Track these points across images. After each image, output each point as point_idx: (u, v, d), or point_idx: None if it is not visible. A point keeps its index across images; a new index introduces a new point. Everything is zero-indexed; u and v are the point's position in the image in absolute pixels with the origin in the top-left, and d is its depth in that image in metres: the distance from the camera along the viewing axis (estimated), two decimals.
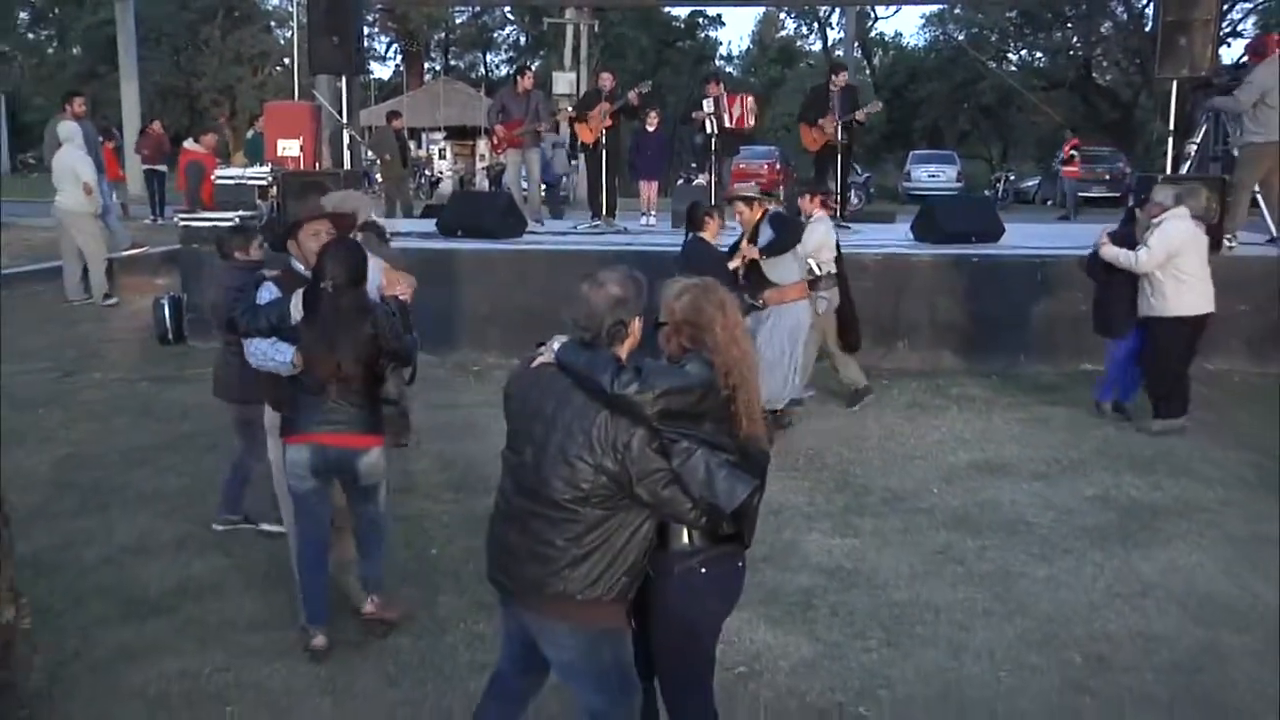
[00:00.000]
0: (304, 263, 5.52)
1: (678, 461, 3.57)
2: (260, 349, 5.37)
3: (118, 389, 10.84)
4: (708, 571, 3.77)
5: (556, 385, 3.71)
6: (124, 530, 7.17)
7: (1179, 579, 6.50)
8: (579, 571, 3.65)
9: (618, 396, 3.53)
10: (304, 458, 5.39)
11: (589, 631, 3.76)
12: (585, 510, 3.63)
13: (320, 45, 13.25)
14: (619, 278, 3.83)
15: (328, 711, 5.06)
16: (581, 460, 3.59)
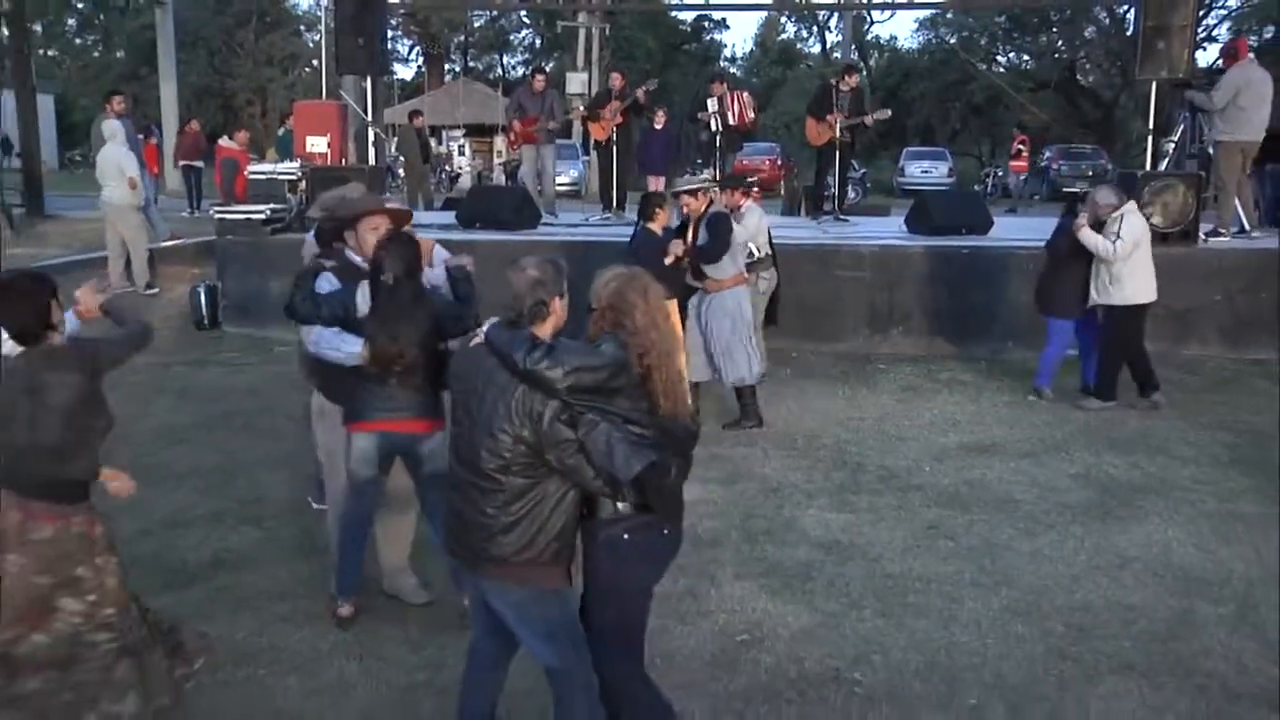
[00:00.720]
0: (360, 255, 5.45)
1: (583, 432, 3.64)
2: (326, 338, 5.25)
3: (157, 372, 10.85)
4: (630, 538, 3.81)
5: (486, 363, 3.79)
6: (163, 505, 7.18)
7: (1155, 552, 6.51)
8: (510, 537, 3.74)
9: (530, 371, 3.62)
10: (370, 445, 5.30)
11: (528, 592, 3.84)
12: (509, 479, 3.72)
13: (347, 48, 13.24)
14: (537, 261, 3.93)
15: (354, 673, 5.07)
16: (503, 431, 3.68)
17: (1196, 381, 10.71)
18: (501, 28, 56.49)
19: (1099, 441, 8.67)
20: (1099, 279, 9.39)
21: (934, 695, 4.87)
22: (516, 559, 3.75)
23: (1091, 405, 9.56)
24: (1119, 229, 9.21)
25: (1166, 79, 12.48)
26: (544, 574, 3.81)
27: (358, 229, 5.44)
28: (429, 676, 5.04)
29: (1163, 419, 9.36)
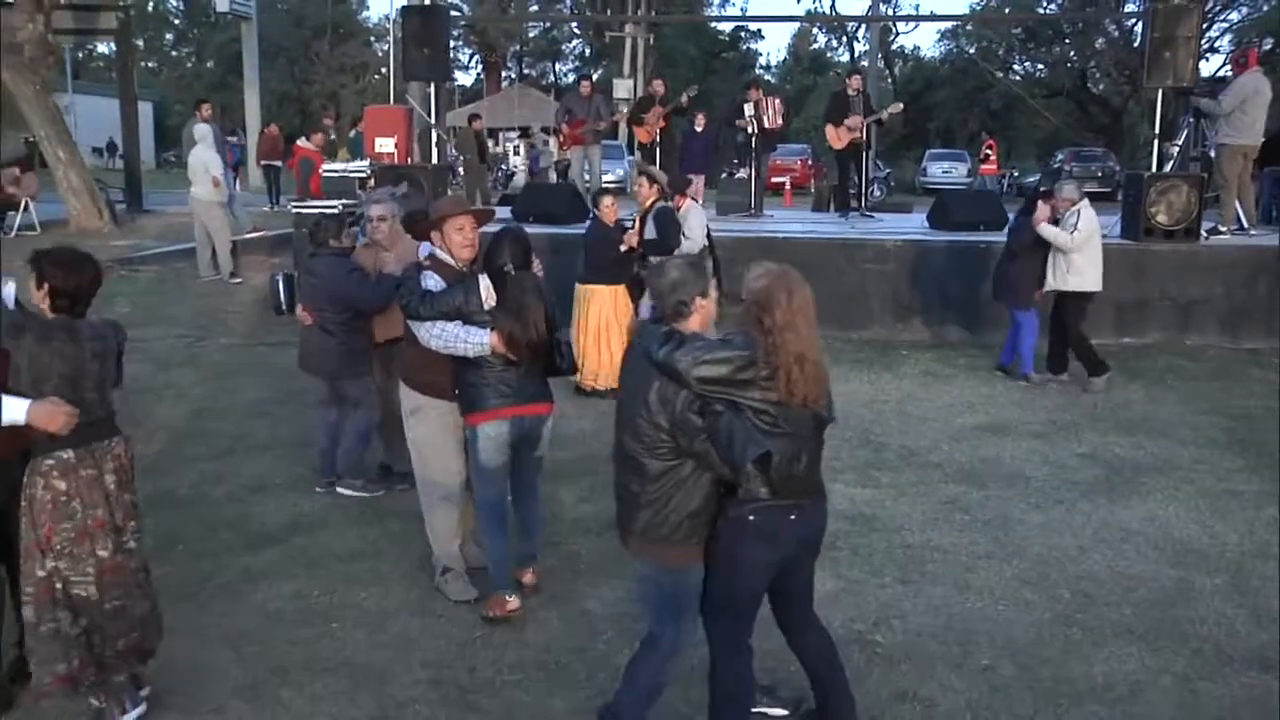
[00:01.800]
0: (447, 252, 5.26)
1: (708, 422, 3.62)
2: (451, 333, 5.03)
3: (239, 352, 10.96)
4: (755, 519, 3.73)
5: (634, 356, 3.85)
6: (245, 473, 7.26)
7: (1156, 526, 6.47)
8: (645, 514, 3.78)
9: (662, 362, 3.63)
10: (504, 432, 5.10)
11: (654, 566, 3.89)
12: (649, 462, 3.73)
13: (413, 56, 13.28)
14: (679, 264, 3.91)
15: (416, 629, 5.11)
16: (644, 418, 3.70)
17: (1197, 369, 10.62)
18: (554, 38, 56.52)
19: (1105, 423, 8.61)
20: (1056, 268, 9.52)
21: (949, 656, 4.85)
22: (648, 535, 3.80)
23: (1039, 378, 9.83)
24: (1076, 221, 9.37)
25: (1172, 87, 12.49)
26: (671, 552, 3.82)
27: (445, 229, 5.27)
28: (485, 633, 5.06)
29: (1165, 403, 9.31)
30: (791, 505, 3.76)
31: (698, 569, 3.87)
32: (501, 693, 4.54)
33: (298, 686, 4.57)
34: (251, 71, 32.69)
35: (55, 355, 3.95)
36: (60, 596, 4.01)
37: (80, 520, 4.01)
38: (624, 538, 3.97)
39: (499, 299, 5.04)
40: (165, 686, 4.51)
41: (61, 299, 4.02)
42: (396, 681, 4.62)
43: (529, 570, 5.45)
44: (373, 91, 47.94)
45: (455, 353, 5.05)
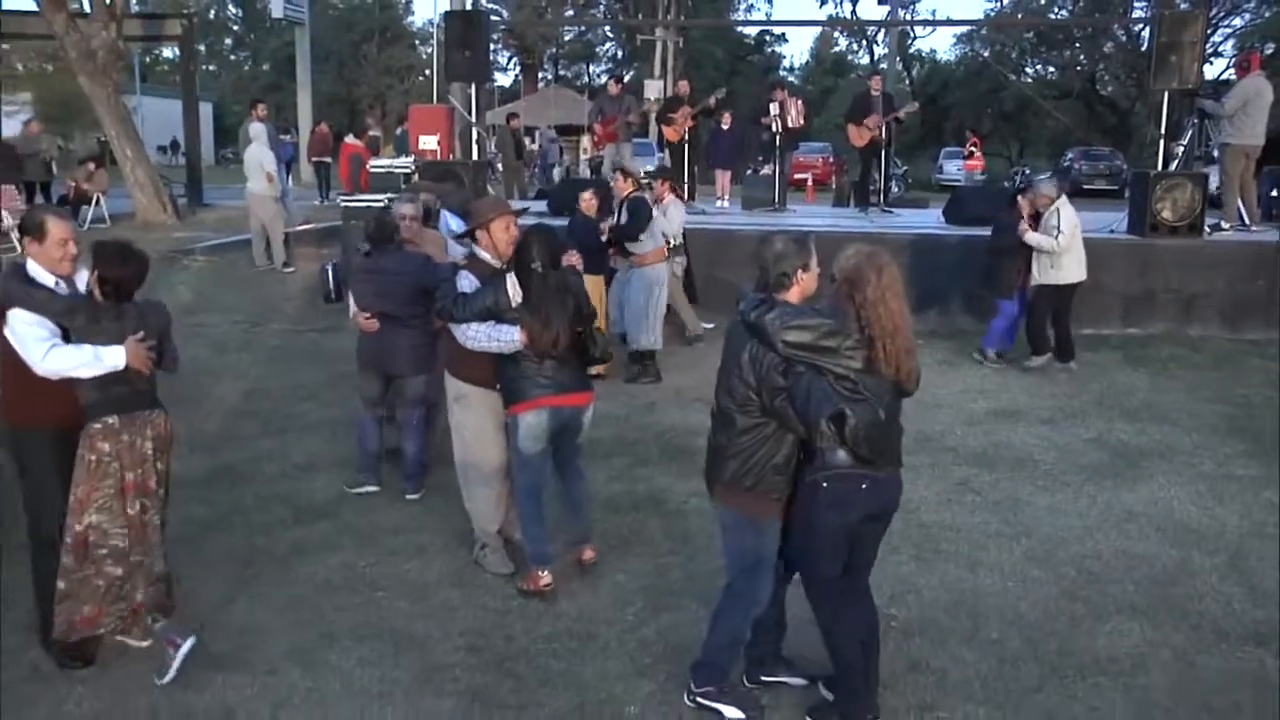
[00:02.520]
0: (491, 252, 5.25)
1: (790, 381, 3.70)
2: (482, 332, 5.03)
3: (291, 337, 11.04)
4: (829, 486, 3.81)
5: (735, 322, 3.93)
6: (297, 451, 7.31)
7: (1158, 508, 6.43)
8: (734, 464, 3.88)
9: (754, 324, 3.73)
10: (542, 421, 5.08)
11: (733, 513, 3.99)
12: (740, 417, 3.83)
13: (455, 58, 13.29)
14: (785, 238, 3.96)
15: (456, 599, 5.14)
16: (737, 377, 3.81)
17: (1199, 358, 10.52)
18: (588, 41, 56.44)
19: (1111, 410, 8.55)
20: (1040, 262, 9.54)
21: (961, 629, 4.84)
22: (734, 484, 3.90)
23: (1034, 363, 9.81)
24: (1058, 221, 9.38)
25: (1177, 89, 12.44)
26: (753, 503, 3.92)
27: (491, 229, 5.25)
28: (521, 603, 5.09)
29: (1168, 391, 9.24)
30: (864, 475, 3.80)
31: (775, 523, 3.97)
32: (536, 660, 4.56)
33: (345, 651, 4.61)
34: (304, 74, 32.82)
35: (103, 334, 4.23)
36: (95, 548, 4.25)
37: (117, 480, 4.27)
38: (710, 487, 4.06)
39: (525, 297, 5.01)
40: (223, 649, 4.59)
41: (108, 285, 4.29)
42: (437, 648, 4.66)
43: (587, 547, 5.46)
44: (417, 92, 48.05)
45: (489, 350, 5.06)
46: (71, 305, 4.28)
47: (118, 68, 19.42)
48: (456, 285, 5.15)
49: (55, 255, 4.33)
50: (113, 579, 4.28)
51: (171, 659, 4.29)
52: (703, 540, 5.86)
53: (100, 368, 4.18)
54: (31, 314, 4.19)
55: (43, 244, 4.34)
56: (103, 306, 4.29)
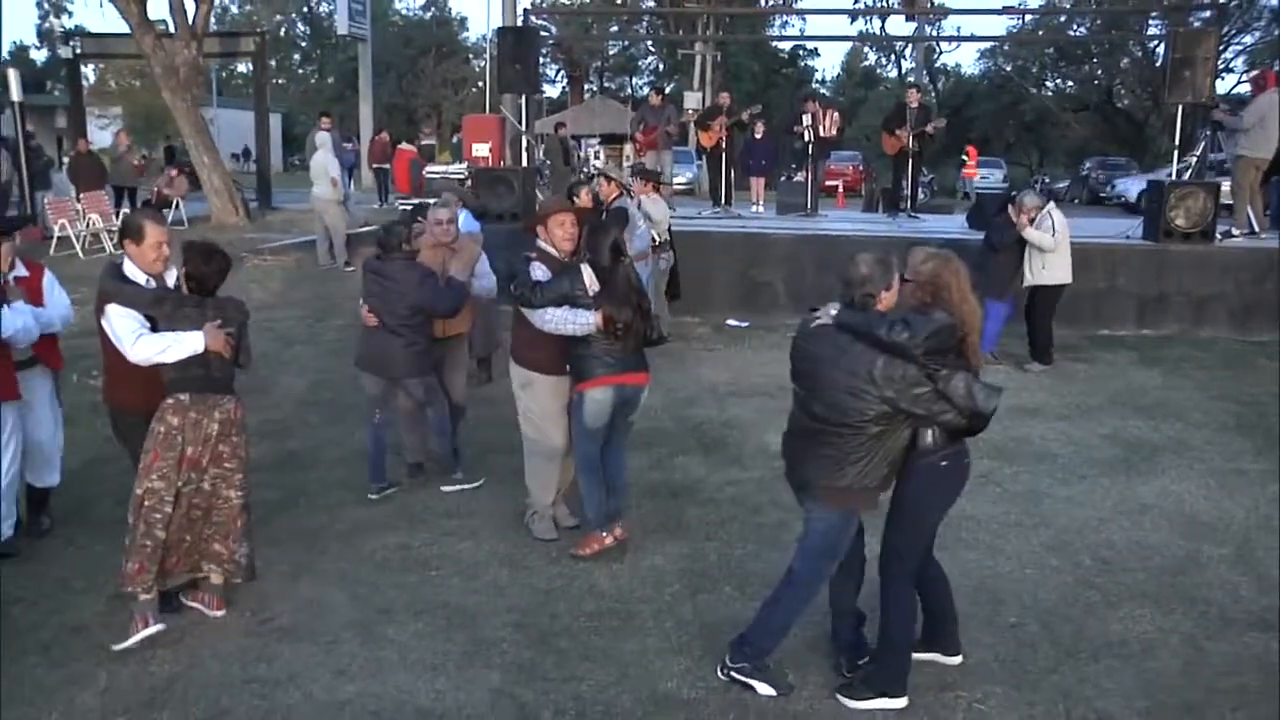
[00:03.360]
0: (550, 245, 5.37)
1: (943, 383, 3.74)
2: (559, 316, 5.12)
3: (351, 332, 11.04)
4: (947, 464, 3.95)
5: (838, 338, 3.86)
6: (356, 438, 7.34)
7: (1170, 501, 6.37)
8: (855, 469, 3.86)
9: (894, 343, 3.71)
10: (608, 397, 5.21)
11: (837, 511, 3.99)
12: (868, 426, 3.81)
13: (506, 71, 13.34)
14: (870, 260, 3.96)
15: (505, 578, 5.17)
16: (865, 393, 3.76)
17: (1210, 358, 10.39)
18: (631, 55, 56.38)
19: (1125, 407, 8.46)
20: (1033, 264, 9.56)
21: (981, 614, 4.81)
22: (847, 487, 3.89)
23: (1034, 368, 9.72)
24: (1051, 224, 9.42)
25: (1191, 103, 12.36)
26: (854, 499, 3.95)
27: (549, 225, 5.38)
28: (565, 583, 5.11)
29: (1180, 389, 9.14)
30: (963, 450, 3.99)
31: (858, 517, 4.04)
32: (578, 636, 4.58)
33: (401, 625, 4.65)
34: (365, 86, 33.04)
35: (185, 321, 4.44)
36: (150, 511, 4.37)
37: (179, 452, 4.39)
38: (808, 490, 4.01)
39: (602, 285, 5.15)
40: (289, 621, 4.65)
41: (193, 281, 4.51)
42: (486, 623, 4.69)
43: (617, 525, 5.47)
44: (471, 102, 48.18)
45: (564, 333, 5.14)
46: (157, 297, 4.50)
47: (197, 82, 19.73)
48: (530, 274, 5.24)
49: (150, 256, 4.60)
50: (158, 541, 4.39)
51: (135, 633, 4.36)
52: (735, 527, 5.87)
53: (182, 351, 4.36)
54: (125, 307, 4.45)
55: (140, 245, 4.60)
56: (186, 298, 4.49)
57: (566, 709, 4.02)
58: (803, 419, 4.01)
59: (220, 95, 43.23)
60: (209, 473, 4.50)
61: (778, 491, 6.44)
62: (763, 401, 8.45)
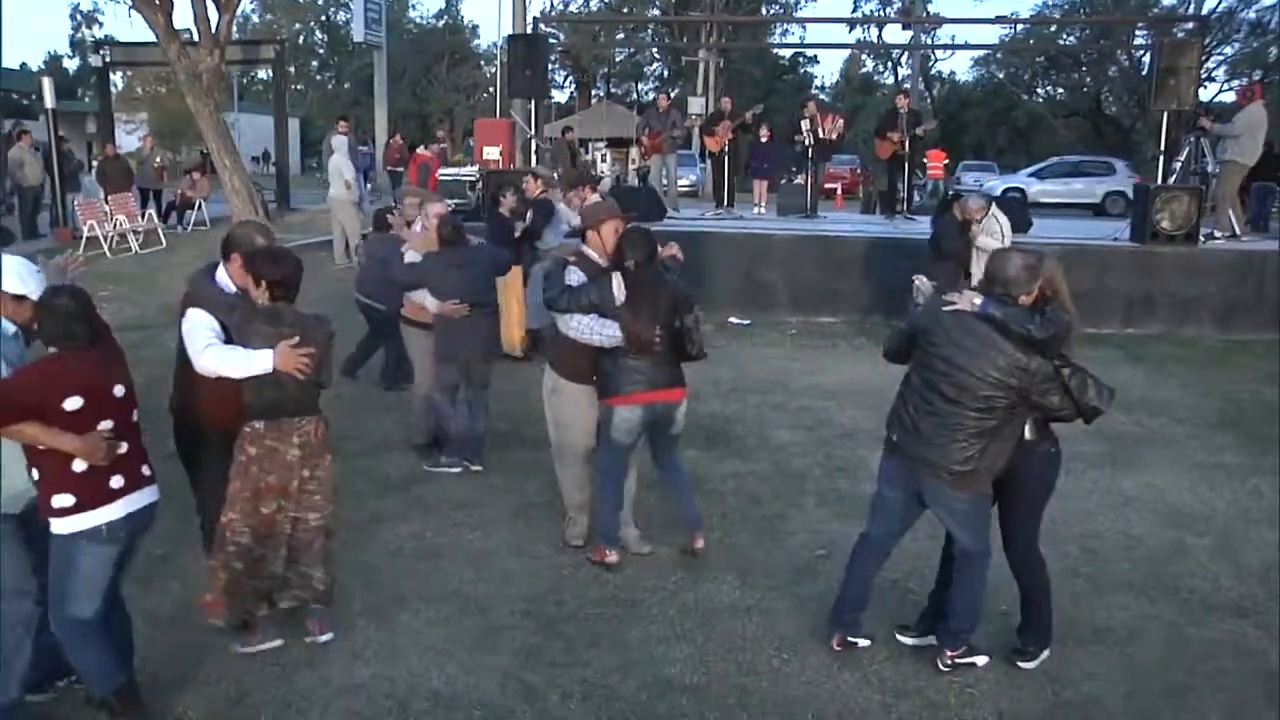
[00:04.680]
0: (599, 252, 5.05)
1: (1068, 376, 3.89)
2: (586, 324, 4.84)
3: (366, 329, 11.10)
4: (1054, 451, 4.19)
5: (977, 327, 3.93)
6: (375, 432, 7.39)
7: (1154, 493, 6.38)
8: (979, 452, 3.96)
9: (1035, 339, 3.83)
10: (635, 415, 4.92)
11: (977, 495, 4.07)
12: (994, 412, 3.91)
13: (516, 77, 13.36)
14: (1021, 262, 4.01)
15: (513, 566, 5.19)
16: (994, 379, 3.87)
17: (1193, 356, 10.40)
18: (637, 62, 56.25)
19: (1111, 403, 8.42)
20: (979, 264, 9.33)
21: None
22: (976, 471, 3.97)
23: None
24: (999, 225, 9.33)
25: (1176, 110, 12.53)
26: (987, 484, 4.06)
27: (600, 230, 5.07)
28: (571, 572, 5.13)
29: (1164, 386, 9.14)
30: (1055, 439, 4.19)
31: (989, 497, 4.13)
32: (584, 623, 4.60)
33: (414, 611, 4.67)
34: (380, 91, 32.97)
35: (255, 335, 4.04)
36: (227, 543, 4.10)
37: (256, 481, 4.08)
38: (935, 474, 4.04)
39: (628, 296, 4.84)
40: None
41: (278, 289, 4.11)
42: (496, 610, 4.70)
43: (698, 536, 5.26)
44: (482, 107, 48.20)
45: (590, 343, 4.89)
46: (232, 302, 4.19)
47: (219, 88, 19.76)
48: (565, 277, 4.97)
49: (242, 275, 4.22)
50: (236, 573, 4.11)
51: (313, 635, 4.34)
52: (737, 518, 5.88)
53: (248, 369, 3.98)
54: (203, 312, 4.14)
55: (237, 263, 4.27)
56: (258, 311, 4.10)
57: (573, 693, 4.04)
58: (932, 401, 4.04)
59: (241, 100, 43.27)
60: (295, 499, 4.17)
61: (778, 484, 6.48)
62: (764, 397, 8.47)
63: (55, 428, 3.35)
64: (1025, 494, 4.18)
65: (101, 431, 3.44)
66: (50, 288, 3.57)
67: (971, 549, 4.16)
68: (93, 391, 3.45)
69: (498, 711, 3.92)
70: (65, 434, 3.37)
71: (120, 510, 3.55)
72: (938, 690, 4.09)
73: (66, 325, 3.43)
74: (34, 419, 3.32)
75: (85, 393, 3.41)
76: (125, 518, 3.57)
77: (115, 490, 3.54)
